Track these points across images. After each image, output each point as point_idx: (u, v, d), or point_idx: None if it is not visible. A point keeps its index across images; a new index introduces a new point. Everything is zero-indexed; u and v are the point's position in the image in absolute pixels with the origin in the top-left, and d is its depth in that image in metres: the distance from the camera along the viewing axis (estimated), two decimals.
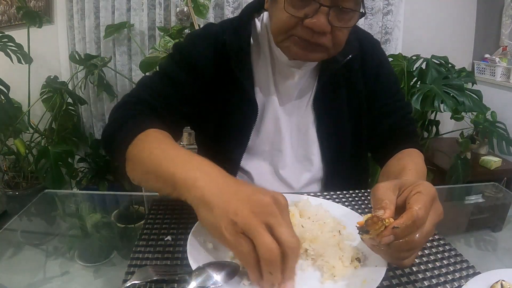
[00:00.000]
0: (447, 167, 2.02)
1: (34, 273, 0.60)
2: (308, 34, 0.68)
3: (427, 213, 0.48)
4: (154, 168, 0.59)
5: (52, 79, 2.22)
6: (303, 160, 0.87)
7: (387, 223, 0.48)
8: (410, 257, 0.50)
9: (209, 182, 0.51)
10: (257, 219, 0.45)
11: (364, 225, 0.49)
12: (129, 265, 0.54)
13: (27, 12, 2.04)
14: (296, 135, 0.85)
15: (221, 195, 0.49)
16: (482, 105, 1.88)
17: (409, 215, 0.47)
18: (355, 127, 0.87)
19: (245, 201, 0.47)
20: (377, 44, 0.92)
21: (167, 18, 2.26)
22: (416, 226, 0.47)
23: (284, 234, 0.45)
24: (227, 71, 0.81)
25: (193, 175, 0.53)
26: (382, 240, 0.48)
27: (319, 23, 0.65)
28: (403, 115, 0.89)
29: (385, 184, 0.53)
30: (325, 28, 0.66)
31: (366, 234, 0.49)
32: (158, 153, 0.61)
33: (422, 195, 0.49)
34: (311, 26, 0.66)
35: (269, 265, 0.44)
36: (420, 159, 0.79)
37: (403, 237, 0.47)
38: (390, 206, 0.50)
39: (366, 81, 0.87)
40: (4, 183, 2.19)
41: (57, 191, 0.90)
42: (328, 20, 0.65)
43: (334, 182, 0.86)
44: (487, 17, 2.54)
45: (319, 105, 0.84)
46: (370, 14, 2.28)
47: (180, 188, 0.53)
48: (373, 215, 0.49)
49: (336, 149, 0.86)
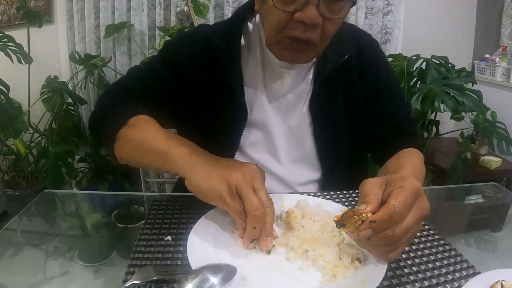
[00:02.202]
0: (447, 167, 2.02)
1: (34, 273, 0.60)
2: (299, 30, 0.66)
3: (406, 207, 0.49)
4: (146, 145, 0.69)
5: (52, 79, 2.22)
6: (299, 162, 0.86)
7: (364, 217, 0.49)
8: (395, 251, 0.51)
9: (203, 155, 0.64)
10: (247, 183, 0.58)
11: (340, 219, 0.50)
12: (129, 265, 0.54)
13: (27, 12, 2.04)
14: (290, 138, 0.84)
15: (216, 165, 0.62)
16: (482, 105, 1.88)
17: (386, 209, 0.48)
18: (353, 129, 0.86)
19: (236, 169, 0.60)
20: (376, 44, 0.91)
21: (167, 18, 2.26)
22: (394, 221, 0.48)
23: (264, 195, 0.58)
24: (216, 75, 0.81)
25: (187, 150, 0.64)
26: (360, 234, 0.49)
27: (310, 15, 0.63)
28: (403, 116, 0.88)
29: (373, 179, 0.55)
30: (316, 19, 0.64)
31: (342, 227, 0.51)
32: (151, 132, 0.71)
33: (403, 190, 0.50)
34: (302, 19, 0.64)
35: (255, 220, 0.56)
36: (418, 158, 0.79)
37: (381, 230, 0.48)
38: (374, 201, 0.51)
39: (364, 81, 0.85)
40: (4, 183, 2.18)
41: (57, 191, 0.90)
42: (319, 11, 0.64)
43: (332, 183, 0.85)
44: (487, 17, 2.53)
45: (315, 108, 0.83)
46: (370, 14, 2.28)
47: (173, 160, 0.64)
48: (349, 209, 0.51)
49: (333, 151, 0.85)
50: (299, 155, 0.85)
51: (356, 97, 0.85)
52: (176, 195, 0.80)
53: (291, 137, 0.84)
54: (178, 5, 2.14)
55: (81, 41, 2.35)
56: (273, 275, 0.53)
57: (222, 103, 0.82)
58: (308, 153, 0.85)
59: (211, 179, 0.59)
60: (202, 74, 0.82)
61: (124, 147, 0.73)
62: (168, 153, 0.64)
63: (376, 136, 0.88)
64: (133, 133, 0.71)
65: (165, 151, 0.65)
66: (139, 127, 0.72)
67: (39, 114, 2.21)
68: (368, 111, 0.87)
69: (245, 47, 0.84)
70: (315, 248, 0.55)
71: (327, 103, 0.83)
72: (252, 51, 0.84)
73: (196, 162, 0.62)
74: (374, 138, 0.88)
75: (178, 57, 0.83)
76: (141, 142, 0.70)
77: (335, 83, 0.83)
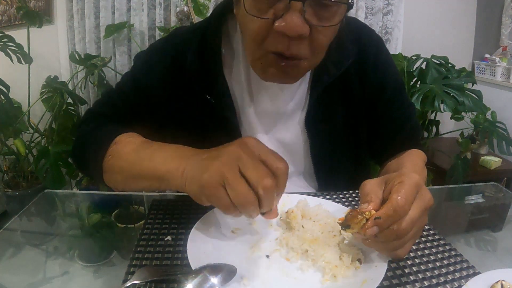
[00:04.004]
0: (447, 167, 2.02)
1: (34, 273, 0.60)
2: (283, 44, 0.54)
3: (409, 200, 0.49)
4: (135, 172, 0.63)
5: (52, 79, 2.22)
6: (294, 177, 0.80)
7: (367, 215, 0.49)
8: (403, 247, 0.51)
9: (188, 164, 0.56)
10: (228, 168, 0.48)
11: (344, 220, 0.50)
12: (129, 265, 0.54)
13: (27, 12, 2.04)
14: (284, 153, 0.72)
15: (200, 167, 0.52)
16: (482, 105, 1.88)
17: (389, 205, 0.48)
18: (354, 142, 0.80)
19: (217, 158, 0.50)
20: (380, 43, 0.79)
21: (167, 18, 2.26)
22: (399, 215, 0.48)
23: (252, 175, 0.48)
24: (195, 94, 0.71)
25: (173, 165, 0.57)
26: (366, 232, 0.49)
27: (292, 23, 0.50)
28: (411, 127, 0.82)
29: (372, 180, 0.55)
30: (301, 29, 0.51)
31: (348, 229, 0.50)
32: (134, 156, 0.64)
33: (403, 184, 0.50)
34: (283, 30, 0.51)
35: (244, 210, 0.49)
36: (418, 158, 0.78)
37: (388, 226, 0.48)
38: (375, 200, 0.51)
39: (367, 88, 0.76)
40: (4, 183, 2.18)
41: (57, 191, 0.90)
42: (305, 18, 0.51)
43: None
44: (487, 17, 2.53)
45: (312, 123, 0.74)
46: (370, 14, 2.28)
47: (167, 179, 0.58)
48: (351, 209, 0.50)
49: (331, 167, 0.79)
50: (293, 170, 0.78)
51: (356, 107, 0.77)
52: (176, 195, 0.80)
53: (283, 153, 0.73)
54: (178, 5, 2.14)
55: (81, 41, 2.35)
56: (273, 275, 0.53)
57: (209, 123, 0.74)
58: (303, 170, 0.80)
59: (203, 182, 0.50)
60: (178, 95, 0.73)
61: (114, 177, 0.68)
62: (157, 175, 0.60)
63: (383, 147, 0.83)
64: (118, 161, 0.66)
65: (153, 173, 0.60)
66: (120, 153, 0.67)
67: (39, 114, 2.21)
68: (372, 121, 0.80)
69: (226, 56, 0.72)
70: (315, 248, 0.55)
71: (325, 118, 0.75)
72: (235, 57, 0.72)
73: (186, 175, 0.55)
74: (380, 148, 0.83)
75: (147, 81, 0.74)
76: (128, 169, 0.65)
77: (333, 94, 0.74)
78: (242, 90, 0.74)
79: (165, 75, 0.73)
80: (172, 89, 0.73)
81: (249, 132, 0.76)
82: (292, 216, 0.62)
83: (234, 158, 0.49)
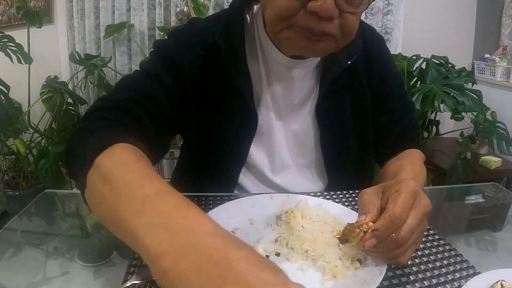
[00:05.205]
0: (447, 167, 2.02)
1: (34, 273, 0.59)
2: (313, 21, 0.58)
3: (406, 209, 0.49)
4: (113, 213, 0.41)
5: (52, 79, 2.22)
6: (304, 169, 0.82)
7: (364, 228, 0.49)
8: (405, 254, 0.51)
9: (187, 259, 0.33)
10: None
11: (343, 235, 0.51)
12: (129, 265, 0.54)
13: (27, 12, 2.04)
14: (294, 144, 0.79)
15: (202, 281, 0.31)
16: (482, 105, 1.88)
17: (386, 215, 0.48)
18: (361, 134, 0.82)
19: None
20: (382, 41, 0.84)
21: (167, 18, 2.26)
22: (396, 224, 0.48)
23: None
24: (220, 76, 0.72)
25: (157, 244, 0.35)
26: (365, 245, 0.49)
27: (326, 5, 0.55)
28: (409, 121, 0.84)
29: (370, 189, 0.55)
30: (333, 11, 0.56)
31: (346, 243, 0.51)
32: (120, 190, 0.42)
33: (400, 193, 0.50)
34: (316, 10, 0.56)
35: None
36: (418, 159, 0.78)
37: (386, 237, 0.48)
38: (372, 210, 0.51)
39: (371, 82, 0.80)
40: (4, 183, 2.18)
41: (57, 191, 0.90)
42: (336, 2, 0.56)
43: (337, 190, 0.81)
44: (487, 17, 2.54)
45: (322, 113, 0.77)
46: (370, 14, 2.28)
47: (144, 255, 0.37)
48: (348, 223, 0.51)
49: (340, 158, 0.81)
50: (304, 162, 0.81)
51: (363, 99, 0.80)
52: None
53: (295, 143, 0.79)
54: (178, 5, 2.14)
55: (81, 41, 2.36)
56: None
57: (230, 110, 0.75)
58: (313, 161, 0.81)
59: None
60: (205, 76, 0.73)
61: (94, 202, 0.47)
62: (135, 240, 0.38)
63: (383, 143, 0.85)
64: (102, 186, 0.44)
65: (132, 235, 0.38)
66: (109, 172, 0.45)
67: (39, 114, 2.21)
68: (374, 115, 0.83)
69: (246, 42, 0.75)
70: (315, 248, 0.55)
71: (335, 108, 0.78)
72: (252, 45, 0.75)
73: (173, 276, 0.33)
74: (380, 144, 0.85)
75: (178, 59, 0.72)
76: (107, 206, 0.43)
77: (342, 85, 0.77)
78: (260, 77, 0.76)
79: (195, 53, 0.73)
80: (200, 69, 0.73)
81: (266, 117, 0.77)
82: (292, 216, 0.62)
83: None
